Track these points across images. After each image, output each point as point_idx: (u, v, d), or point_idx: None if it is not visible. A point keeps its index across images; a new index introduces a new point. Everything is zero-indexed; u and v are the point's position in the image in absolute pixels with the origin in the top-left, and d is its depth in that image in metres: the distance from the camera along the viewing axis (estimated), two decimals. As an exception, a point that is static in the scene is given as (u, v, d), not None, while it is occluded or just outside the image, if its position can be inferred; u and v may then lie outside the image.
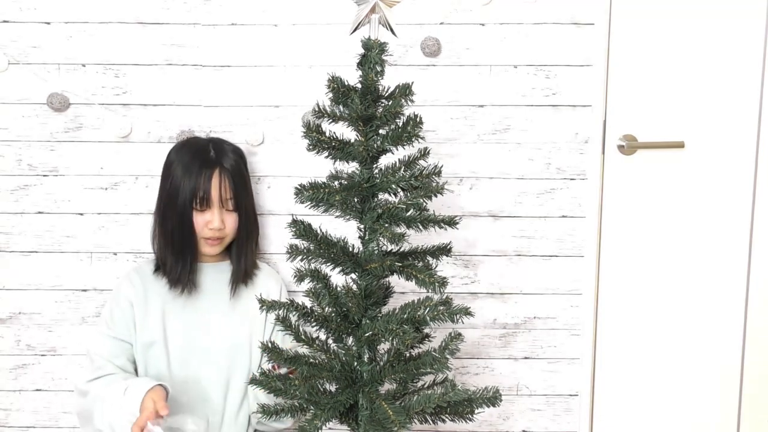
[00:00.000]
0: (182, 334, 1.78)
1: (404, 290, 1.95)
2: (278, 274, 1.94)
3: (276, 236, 2.00)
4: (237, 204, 1.79)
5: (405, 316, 1.41)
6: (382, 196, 1.46)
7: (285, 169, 1.98)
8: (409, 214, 1.42)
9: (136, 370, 1.78)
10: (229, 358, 1.80)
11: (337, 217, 1.45)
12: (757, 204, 2.03)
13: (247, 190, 1.83)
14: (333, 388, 1.48)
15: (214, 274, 1.84)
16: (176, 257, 1.77)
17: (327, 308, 1.47)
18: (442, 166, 1.47)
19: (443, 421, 1.55)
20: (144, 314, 1.77)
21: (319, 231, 1.46)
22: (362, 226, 1.46)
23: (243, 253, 1.83)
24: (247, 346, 1.82)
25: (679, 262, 2.04)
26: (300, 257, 1.47)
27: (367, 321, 1.46)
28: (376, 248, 1.46)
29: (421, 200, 1.41)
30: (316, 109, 1.43)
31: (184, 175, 1.75)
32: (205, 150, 1.78)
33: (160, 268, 1.81)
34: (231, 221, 1.79)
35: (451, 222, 1.49)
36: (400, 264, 1.45)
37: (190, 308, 1.80)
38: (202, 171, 1.74)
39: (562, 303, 2.05)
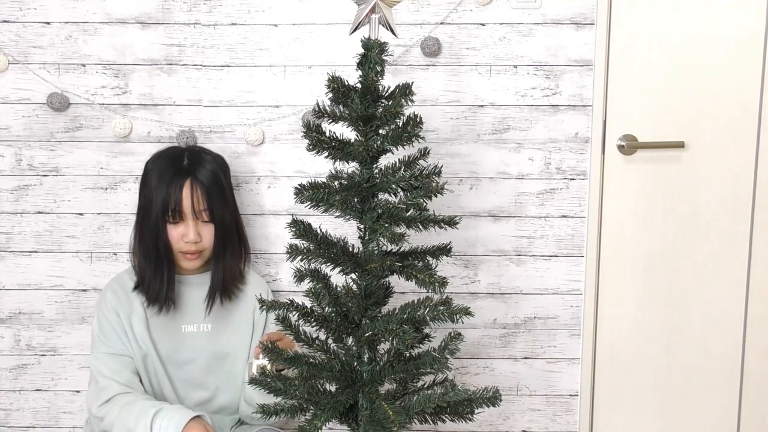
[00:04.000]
0: (166, 348, 1.74)
1: (404, 290, 1.94)
2: (264, 282, 1.90)
3: (276, 236, 2.00)
4: (212, 215, 1.70)
5: (405, 316, 1.41)
6: (382, 196, 1.46)
7: (285, 169, 1.98)
8: (409, 214, 1.42)
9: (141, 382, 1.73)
10: (210, 372, 1.76)
11: (337, 217, 1.45)
12: (757, 204, 2.03)
13: (224, 200, 1.73)
14: (333, 388, 1.48)
15: (197, 287, 1.77)
16: (154, 273, 1.70)
17: (327, 308, 1.47)
18: (442, 166, 1.47)
19: (443, 421, 1.54)
20: (130, 325, 1.72)
21: (319, 231, 1.46)
22: (362, 226, 1.46)
23: (221, 266, 1.74)
24: (231, 360, 1.77)
25: (679, 262, 2.04)
26: (300, 257, 1.47)
27: (367, 321, 1.46)
28: (376, 248, 1.46)
29: (421, 200, 1.41)
30: (316, 109, 1.43)
31: (156, 186, 1.68)
32: (178, 159, 1.72)
33: (139, 285, 1.73)
34: (208, 233, 1.71)
35: (451, 222, 1.49)
36: (400, 264, 1.45)
37: (172, 321, 1.75)
38: (173, 182, 1.67)
39: (562, 303, 2.05)
